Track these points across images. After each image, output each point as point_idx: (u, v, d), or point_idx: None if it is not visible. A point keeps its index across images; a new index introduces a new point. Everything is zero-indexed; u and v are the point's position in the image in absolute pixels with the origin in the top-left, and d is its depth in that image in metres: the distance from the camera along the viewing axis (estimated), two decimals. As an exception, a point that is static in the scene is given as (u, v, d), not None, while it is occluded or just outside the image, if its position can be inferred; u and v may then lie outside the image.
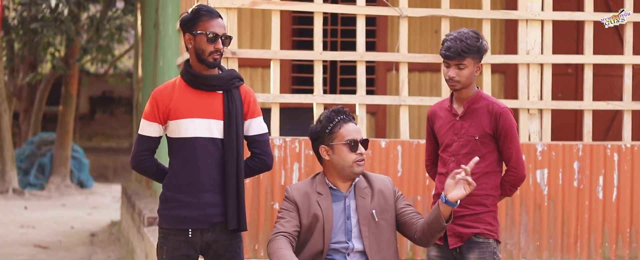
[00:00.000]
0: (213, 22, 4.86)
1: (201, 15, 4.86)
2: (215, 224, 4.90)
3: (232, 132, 4.87)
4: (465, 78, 5.10)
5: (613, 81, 9.40)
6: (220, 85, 4.90)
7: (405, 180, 6.86)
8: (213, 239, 4.91)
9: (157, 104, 4.91)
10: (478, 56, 5.10)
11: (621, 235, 7.07)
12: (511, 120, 5.14)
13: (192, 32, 4.87)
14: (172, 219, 4.92)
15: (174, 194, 4.91)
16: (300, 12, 9.28)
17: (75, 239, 12.87)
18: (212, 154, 4.87)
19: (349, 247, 5.03)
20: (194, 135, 4.86)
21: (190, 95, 4.89)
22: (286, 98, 6.95)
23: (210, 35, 4.83)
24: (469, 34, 5.10)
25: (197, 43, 4.86)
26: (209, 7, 4.89)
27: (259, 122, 4.99)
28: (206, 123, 4.87)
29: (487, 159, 5.15)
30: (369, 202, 5.09)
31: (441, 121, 5.26)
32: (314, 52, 6.98)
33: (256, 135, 4.98)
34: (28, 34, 17.07)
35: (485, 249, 5.13)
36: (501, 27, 10.15)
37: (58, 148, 19.27)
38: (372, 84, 10.14)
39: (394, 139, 7.08)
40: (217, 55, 4.86)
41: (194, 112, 4.87)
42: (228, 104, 4.88)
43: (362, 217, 5.06)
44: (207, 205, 4.87)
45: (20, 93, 21.20)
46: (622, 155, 7.06)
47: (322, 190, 5.11)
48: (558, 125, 8.94)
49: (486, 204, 5.16)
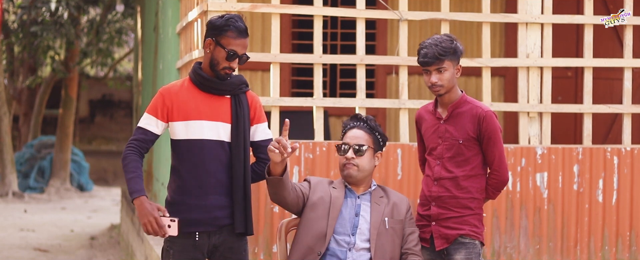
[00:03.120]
0: (237, 41, 4.84)
1: (230, 30, 4.83)
2: (222, 227, 4.90)
3: (240, 135, 4.89)
4: (447, 81, 5.15)
5: (613, 84, 9.41)
6: (229, 90, 4.91)
7: (405, 183, 6.86)
8: (220, 242, 4.91)
9: (164, 100, 4.88)
10: (456, 58, 5.17)
11: (621, 238, 7.07)
12: (494, 124, 5.18)
13: (215, 40, 4.85)
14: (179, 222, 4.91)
15: (181, 197, 4.90)
16: (300, 15, 9.28)
17: (75, 243, 12.86)
18: (220, 157, 4.87)
19: (350, 241, 5.06)
20: (201, 137, 4.86)
21: (198, 97, 4.89)
22: (286, 101, 6.95)
23: (230, 52, 4.83)
24: (442, 37, 5.19)
25: (215, 53, 4.86)
26: (240, 24, 4.85)
27: (264, 128, 5.02)
28: (214, 126, 4.87)
29: (472, 162, 5.20)
30: (383, 208, 5.17)
31: (426, 124, 5.33)
32: (313, 55, 6.98)
33: (262, 140, 5.00)
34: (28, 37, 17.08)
35: (471, 250, 5.19)
36: (501, 30, 10.15)
37: (58, 151, 19.27)
38: (372, 87, 10.14)
39: (394, 142, 7.08)
40: (228, 71, 4.86)
41: (202, 114, 4.87)
42: (236, 108, 4.89)
43: (374, 221, 5.12)
44: (215, 207, 4.87)
45: (20, 96, 21.20)
46: (622, 158, 7.06)
47: (338, 186, 5.23)
48: (558, 128, 8.94)
49: (471, 206, 5.21)
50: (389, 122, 10.25)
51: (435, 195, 5.21)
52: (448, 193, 5.18)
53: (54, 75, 19.55)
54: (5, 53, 19.38)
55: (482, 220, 5.26)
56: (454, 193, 5.17)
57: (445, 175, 5.19)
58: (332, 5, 9.56)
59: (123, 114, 27.52)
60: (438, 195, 5.20)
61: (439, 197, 5.19)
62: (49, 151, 19.86)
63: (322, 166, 6.72)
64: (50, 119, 24.55)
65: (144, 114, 4.95)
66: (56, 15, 16.46)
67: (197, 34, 7.30)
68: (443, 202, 5.19)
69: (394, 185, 6.76)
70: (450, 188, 5.18)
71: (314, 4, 6.97)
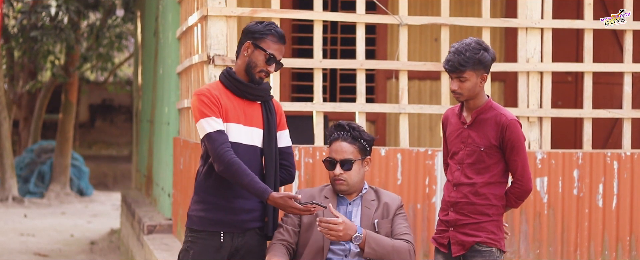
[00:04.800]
0: (277, 46, 4.93)
1: (271, 34, 4.91)
2: (246, 230, 4.94)
3: (272, 141, 4.98)
4: (468, 91, 5.06)
5: (613, 89, 9.41)
6: (262, 96, 4.99)
7: (404, 188, 6.86)
8: (242, 244, 4.95)
9: (214, 100, 4.87)
10: (481, 67, 5.04)
11: (621, 243, 7.07)
12: (518, 133, 5.10)
13: (254, 43, 4.90)
14: (206, 220, 4.93)
15: (211, 197, 4.93)
16: (300, 20, 9.29)
17: (75, 247, 12.86)
18: (252, 162, 4.92)
19: (346, 248, 5.11)
20: (238, 141, 4.90)
21: (234, 101, 4.95)
22: (286, 106, 6.95)
23: (271, 55, 4.90)
24: (471, 45, 5.04)
25: (254, 55, 4.92)
26: (279, 30, 4.95)
27: (287, 135, 5.11)
28: (249, 131, 4.94)
29: (492, 170, 5.13)
30: (373, 212, 5.18)
31: (451, 127, 5.25)
32: (313, 60, 6.98)
33: (285, 147, 5.09)
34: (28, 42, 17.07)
35: (487, 258, 5.12)
36: (501, 35, 10.15)
37: (58, 156, 19.26)
38: (371, 92, 10.14)
39: (394, 147, 7.08)
40: (264, 75, 4.93)
41: (240, 119, 4.93)
42: (267, 114, 4.99)
43: (364, 226, 5.13)
44: (242, 210, 4.92)
45: (20, 101, 21.19)
46: (622, 163, 7.06)
47: (329, 195, 5.23)
48: (558, 133, 8.94)
49: (489, 213, 5.13)
50: (389, 127, 10.25)
51: (453, 201, 5.15)
52: (466, 199, 5.11)
53: (54, 80, 19.54)
54: (6, 58, 19.38)
55: (502, 227, 5.21)
56: (471, 199, 5.10)
57: (465, 181, 5.12)
58: (332, 10, 9.56)
59: (123, 119, 27.52)
60: (456, 201, 5.13)
61: (457, 203, 5.13)
62: (49, 156, 19.85)
63: (322, 171, 6.71)
64: (50, 123, 24.54)
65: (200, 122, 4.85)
66: (56, 20, 16.46)
67: (197, 39, 7.31)
68: (460, 208, 5.13)
69: (393, 190, 6.75)
70: (468, 194, 5.11)
71: (314, 9, 6.97)
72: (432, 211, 6.87)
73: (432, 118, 10.19)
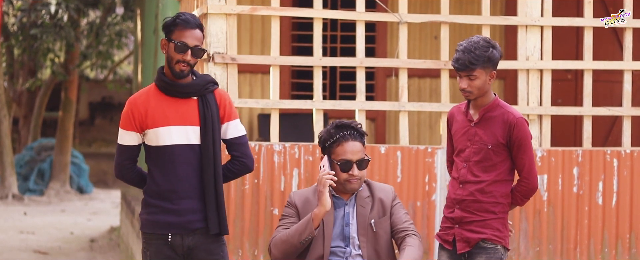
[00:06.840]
0: (187, 32, 4.83)
1: (178, 24, 4.84)
2: (195, 230, 4.93)
3: (208, 137, 4.87)
4: (477, 89, 5.06)
5: (613, 87, 9.40)
6: (194, 92, 4.89)
7: (404, 186, 6.86)
8: (194, 244, 4.93)
9: (132, 113, 4.90)
10: (490, 65, 5.04)
11: (621, 240, 7.07)
12: (525, 131, 5.10)
13: (167, 37, 4.87)
14: (152, 223, 4.96)
15: (155, 200, 4.94)
16: (299, 18, 9.29)
17: (74, 245, 12.86)
18: (191, 161, 4.87)
19: (347, 251, 5.08)
20: (171, 143, 4.86)
21: (165, 102, 4.88)
22: (286, 104, 6.95)
23: (178, 44, 4.81)
24: (479, 43, 5.04)
25: (170, 50, 4.85)
26: (187, 17, 4.86)
27: (235, 125, 4.98)
28: (183, 130, 4.86)
29: (499, 168, 5.13)
30: (369, 211, 5.14)
31: (457, 125, 5.24)
32: (313, 57, 6.98)
33: (234, 138, 4.98)
34: (28, 39, 17.07)
35: (492, 255, 5.13)
36: (501, 32, 10.15)
37: (57, 154, 19.25)
38: (371, 89, 10.15)
39: (394, 144, 7.08)
40: (183, 66, 4.83)
41: (170, 120, 4.86)
42: (203, 109, 4.87)
43: (361, 227, 5.10)
44: (187, 211, 4.90)
45: (20, 99, 21.19)
46: (622, 161, 7.06)
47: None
48: (558, 131, 8.94)
49: (494, 211, 5.14)
50: (389, 125, 10.26)
51: (459, 199, 5.15)
52: (472, 197, 5.11)
53: (54, 77, 19.54)
54: (5, 55, 19.37)
55: (507, 225, 5.21)
56: (477, 197, 5.11)
57: (471, 179, 5.12)
58: (332, 8, 9.56)
59: (123, 117, 27.49)
60: (462, 199, 5.14)
61: (463, 201, 5.13)
62: (49, 154, 19.85)
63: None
64: (50, 121, 24.54)
65: (119, 129, 4.98)
66: (56, 18, 16.46)
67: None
68: (466, 205, 5.13)
69: (393, 188, 6.74)
70: (474, 192, 5.11)
71: (314, 7, 6.97)
72: (431, 209, 6.87)
73: (432, 116, 10.20)
